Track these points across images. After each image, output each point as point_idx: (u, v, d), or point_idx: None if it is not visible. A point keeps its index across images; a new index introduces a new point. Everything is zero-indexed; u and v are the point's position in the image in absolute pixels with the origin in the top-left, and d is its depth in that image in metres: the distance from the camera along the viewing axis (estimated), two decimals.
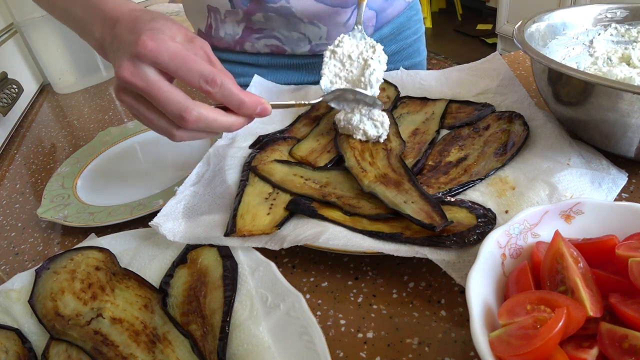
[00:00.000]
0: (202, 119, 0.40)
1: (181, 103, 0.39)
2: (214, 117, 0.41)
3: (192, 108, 0.39)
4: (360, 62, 0.57)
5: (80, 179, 0.66)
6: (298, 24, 0.73)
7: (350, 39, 0.60)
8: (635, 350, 0.27)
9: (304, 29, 0.74)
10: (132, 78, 0.38)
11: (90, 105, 1.00)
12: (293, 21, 0.72)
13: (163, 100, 0.39)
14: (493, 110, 0.59)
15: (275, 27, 0.74)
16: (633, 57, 0.57)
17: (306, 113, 0.68)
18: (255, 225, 0.47)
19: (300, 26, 0.73)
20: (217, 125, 0.42)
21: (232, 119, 0.43)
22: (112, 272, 0.45)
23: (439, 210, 0.42)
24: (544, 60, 0.46)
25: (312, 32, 0.75)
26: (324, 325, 0.39)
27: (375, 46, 0.58)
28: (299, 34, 0.75)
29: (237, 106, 0.42)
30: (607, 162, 0.48)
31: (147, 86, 0.39)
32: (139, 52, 0.38)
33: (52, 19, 1.02)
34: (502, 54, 0.75)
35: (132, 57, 0.38)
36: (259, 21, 0.74)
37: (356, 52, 0.58)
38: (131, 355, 0.37)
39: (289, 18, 0.72)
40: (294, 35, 0.75)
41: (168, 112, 0.40)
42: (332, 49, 0.59)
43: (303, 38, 0.76)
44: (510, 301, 0.32)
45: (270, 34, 0.76)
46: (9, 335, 0.41)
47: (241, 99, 0.41)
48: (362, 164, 0.52)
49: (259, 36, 0.77)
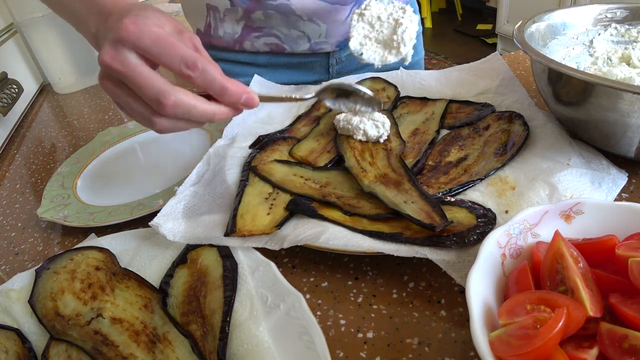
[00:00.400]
0: (180, 104, 0.39)
1: (159, 87, 0.38)
2: (194, 104, 0.40)
3: (170, 92, 0.38)
4: (391, 22, 0.56)
5: (80, 179, 0.66)
6: (297, 21, 0.73)
7: (378, 3, 0.58)
8: (635, 350, 0.27)
9: (304, 27, 0.74)
10: (112, 62, 0.37)
11: (90, 105, 1.00)
12: (292, 19, 0.73)
13: (142, 84, 0.38)
14: (493, 110, 0.59)
15: (274, 25, 0.74)
16: (633, 57, 0.57)
17: (306, 113, 0.68)
18: (255, 225, 0.47)
19: (299, 24, 0.73)
20: (197, 113, 0.40)
21: (215, 107, 0.41)
22: (112, 272, 0.45)
23: (439, 210, 0.42)
24: (544, 60, 0.46)
25: (312, 30, 0.75)
26: (324, 325, 0.39)
27: (405, 7, 0.57)
28: (299, 32, 0.75)
29: (219, 93, 0.40)
30: (607, 162, 0.48)
31: (127, 70, 0.38)
32: (121, 35, 0.37)
33: (52, 19, 1.02)
34: (502, 54, 0.75)
35: (114, 41, 0.37)
36: (258, 19, 0.74)
37: (385, 13, 0.57)
38: (131, 355, 0.37)
39: (288, 16, 0.72)
40: (294, 33, 0.75)
41: (146, 97, 0.38)
42: (359, 12, 0.58)
43: (302, 36, 0.76)
44: (510, 301, 0.32)
45: (269, 32, 0.76)
46: (9, 335, 0.41)
47: (224, 85, 0.40)
48: (362, 164, 0.52)
49: (258, 35, 0.76)
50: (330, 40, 0.77)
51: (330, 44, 0.78)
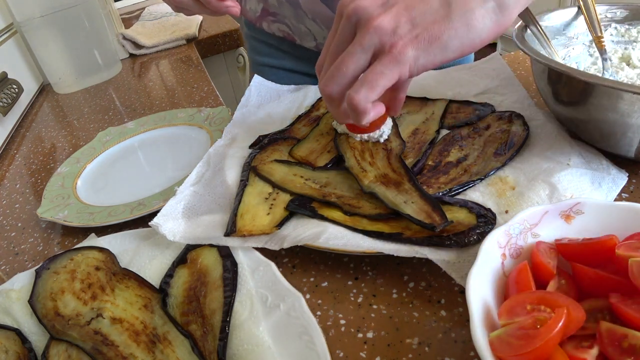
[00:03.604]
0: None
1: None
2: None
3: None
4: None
5: (80, 179, 0.66)
6: (304, 17, 0.74)
7: None
8: (634, 349, 0.27)
9: (309, 24, 0.75)
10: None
11: (90, 105, 1.00)
12: (299, 13, 0.73)
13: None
14: (493, 110, 0.59)
15: (286, 15, 0.76)
16: (633, 57, 0.57)
17: (306, 113, 0.68)
18: (255, 225, 0.47)
19: (305, 21, 0.74)
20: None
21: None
22: (112, 272, 0.45)
23: (439, 210, 0.42)
24: (544, 60, 0.46)
25: (316, 30, 0.75)
26: (324, 325, 0.39)
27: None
28: (305, 28, 0.76)
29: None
30: (607, 162, 0.48)
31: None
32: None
33: (52, 19, 1.02)
34: (502, 54, 0.75)
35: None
36: (273, 5, 0.77)
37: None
38: (131, 355, 0.37)
39: (296, 9, 0.73)
40: (301, 27, 0.76)
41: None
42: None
43: (309, 33, 0.76)
44: (510, 301, 0.32)
45: (282, 20, 0.78)
46: (9, 335, 0.41)
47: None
48: (362, 164, 0.52)
49: (273, 19, 0.80)
50: None
51: None
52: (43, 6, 1.00)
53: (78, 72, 1.09)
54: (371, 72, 0.37)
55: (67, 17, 1.03)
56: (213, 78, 1.15)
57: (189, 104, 0.89)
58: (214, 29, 1.37)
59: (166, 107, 0.89)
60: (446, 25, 0.35)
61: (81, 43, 1.08)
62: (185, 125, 0.75)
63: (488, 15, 0.36)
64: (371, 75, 0.37)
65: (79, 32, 1.07)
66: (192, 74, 1.05)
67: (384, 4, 0.36)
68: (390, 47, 0.36)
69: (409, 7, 0.36)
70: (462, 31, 0.36)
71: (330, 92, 0.40)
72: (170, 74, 1.09)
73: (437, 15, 0.35)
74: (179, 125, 0.76)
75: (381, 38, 0.36)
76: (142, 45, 1.25)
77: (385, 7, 0.36)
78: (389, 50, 0.36)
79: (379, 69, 0.36)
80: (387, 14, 0.36)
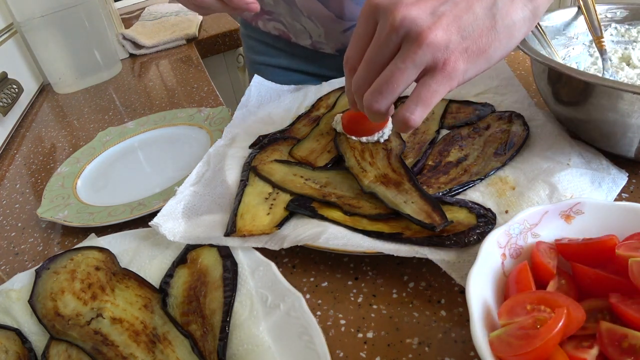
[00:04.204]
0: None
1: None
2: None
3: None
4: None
5: (80, 179, 0.66)
6: (299, 15, 0.74)
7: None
8: (634, 349, 0.27)
9: (305, 22, 0.75)
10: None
11: (90, 105, 1.00)
12: (295, 11, 0.73)
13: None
14: (493, 110, 0.59)
15: (281, 13, 0.77)
16: (633, 57, 0.57)
17: (306, 113, 0.68)
18: (255, 225, 0.47)
19: (301, 18, 0.74)
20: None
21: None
22: (112, 272, 0.45)
23: (439, 210, 0.42)
24: (544, 60, 0.46)
25: (311, 28, 0.75)
26: (324, 325, 0.39)
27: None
28: (301, 26, 0.76)
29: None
30: (607, 162, 0.48)
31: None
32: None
33: (52, 19, 1.02)
34: None
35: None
36: (268, 3, 0.77)
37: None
38: (131, 355, 0.37)
39: (291, 7, 0.73)
40: (297, 25, 0.76)
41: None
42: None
43: (304, 31, 0.77)
44: (510, 301, 0.32)
45: (277, 18, 0.79)
46: (9, 335, 0.41)
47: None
48: (362, 164, 0.52)
49: (268, 18, 0.80)
50: (330, 44, 0.77)
51: (330, 47, 0.78)
52: (43, 6, 1.00)
53: (78, 72, 1.09)
54: (425, 90, 0.35)
55: (67, 17, 1.03)
56: (213, 78, 1.15)
57: (189, 104, 0.89)
58: (214, 29, 1.37)
59: (166, 107, 0.89)
60: (493, 37, 0.35)
61: (81, 43, 1.08)
62: (185, 125, 0.75)
63: (525, 24, 0.36)
64: (425, 93, 0.35)
65: (79, 32, 1.07)
66: (192, 74, 1.05)
67: (433, 13, 0.35)
68: (443, 64, 0.35)
69: (457, 16, 0.34)
70: (505, 42, 0.35)
71: (379, 108, 0.38)
72: (170, 74, 1.09)
73: (484, 27, 0.35)
74: (179, 125, 0.76)
75: (434, 55, 0.34)
76: (142, 45, 1.25)
77: (434, 17, 0.34)
78: (442, 68, 0.35)
79: (434, 87, 0.35)
80: (438, 28, 0.34)
